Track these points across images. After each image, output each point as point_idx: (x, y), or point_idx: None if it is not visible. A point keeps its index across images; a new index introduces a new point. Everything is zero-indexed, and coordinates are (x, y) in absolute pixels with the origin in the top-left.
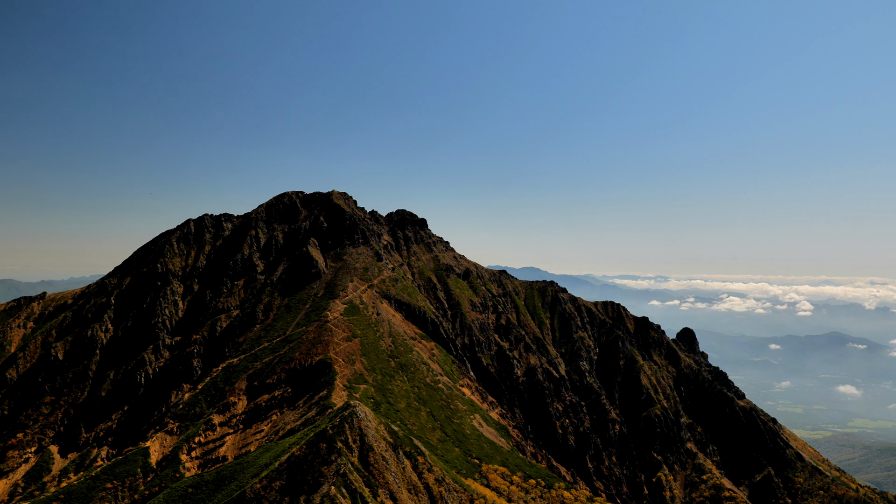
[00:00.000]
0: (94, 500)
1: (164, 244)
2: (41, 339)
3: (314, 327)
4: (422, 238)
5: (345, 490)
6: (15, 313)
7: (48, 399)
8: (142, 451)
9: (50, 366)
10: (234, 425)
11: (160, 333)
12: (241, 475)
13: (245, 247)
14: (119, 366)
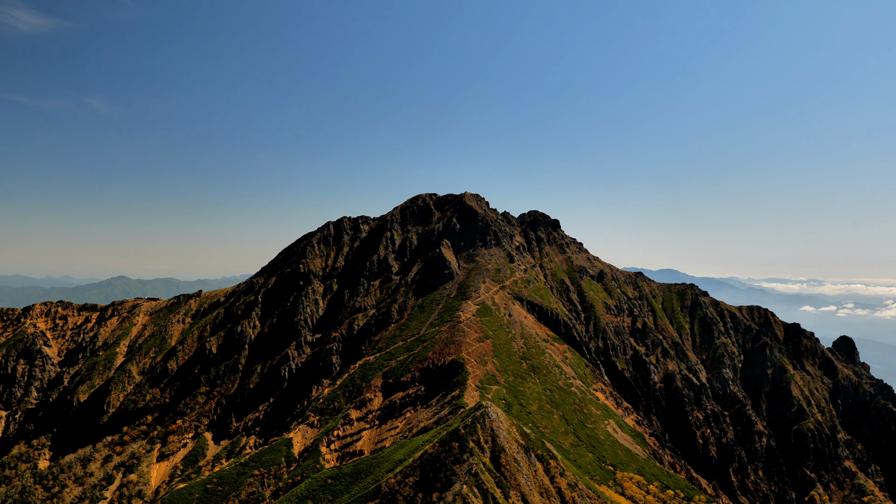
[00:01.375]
0: (243, 485)
1: (306, 246)
2: (197, 334)
3: (447, 327)
4: (554, 239)
5: (476, 490)
6: (175, 309)
7: (203, 389)
8: (285, 441)
9: (205, 359)
10: (370, 421)
11: (302, 331)
12: (376, 469)
13: (381, 248)
14: (265, 360)
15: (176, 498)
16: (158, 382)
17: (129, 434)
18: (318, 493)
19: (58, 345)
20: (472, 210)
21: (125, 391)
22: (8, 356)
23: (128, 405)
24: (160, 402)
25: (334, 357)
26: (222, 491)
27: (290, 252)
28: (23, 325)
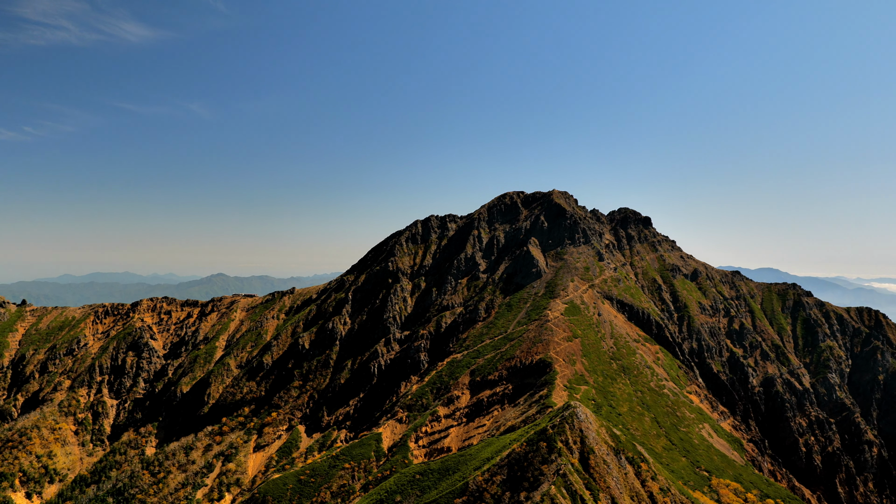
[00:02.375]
0: (335, 478)
1: (395, 244)
2: (291, 330)
3: (535, 326)
4: (645, 237)
5: (564, 490)
6: (270, 306)
7: (297, 384)
8: (375, 436)
9: (298, 354)
10: (457, 418)
11: (391, 328)
12: (464, 466)
13: (468, 246)
14: (355, 356)
15: (271, 488)
16: (255, 376)
17: (227, 425)
18: (406, 489)
19: (163, 338)
20: (560, 207)
21: (224, 383)
22: (118, 348)
23: (226, 397)
24: (256, 395)
25: (422, 354)
26: (315, 483)
27: (379, 250)
28: (131, 319)
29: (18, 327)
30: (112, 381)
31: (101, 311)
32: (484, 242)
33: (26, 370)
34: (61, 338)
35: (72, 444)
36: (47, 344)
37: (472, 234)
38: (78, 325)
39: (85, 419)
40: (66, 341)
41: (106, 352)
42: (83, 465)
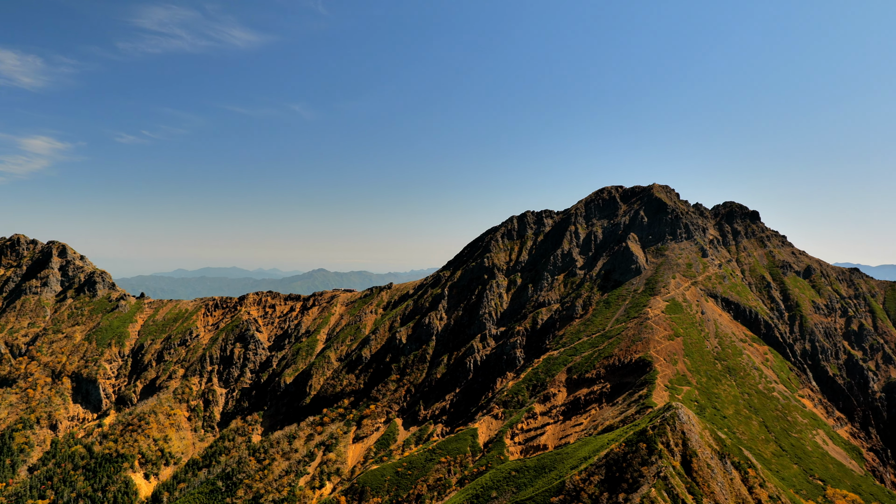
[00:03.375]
0: (431, 471)
1: (490, 240)
2: (388, 324)
3: (634, 324)
4: (753, 232)
5: (665, 494)
6: (368, 300)
7: (394, 377)
8: (471, 431)
9: (395, 348)
10: (553, 416)
11: (487, 324)
12: (560, 465)
13: (565, 242)
14: (451, 351)
15: (370, 478)
16: (354, 369)
17: (328, 416)
18: (502, 485)
19: (267, 331)
20: (660, 202)
21: (325, 376)
22: (227, 340)
23: (327, 389)
24: (355, 388)
25: (518, 350)
26: (411, 475)
27: (475, 246)
28: (239, 312)
29: (138, 318)
30: (221, 371)
31: (211, 304)
32: (581, 238)
33: (144, 359)
34: (175, 329)
35: (185, 430)
36: (163, 334)
37: (569, 230)
38: (190, 318)
39: (197, 406)
40: (180, 332)
41: (216, 343)
42: (195, 449)
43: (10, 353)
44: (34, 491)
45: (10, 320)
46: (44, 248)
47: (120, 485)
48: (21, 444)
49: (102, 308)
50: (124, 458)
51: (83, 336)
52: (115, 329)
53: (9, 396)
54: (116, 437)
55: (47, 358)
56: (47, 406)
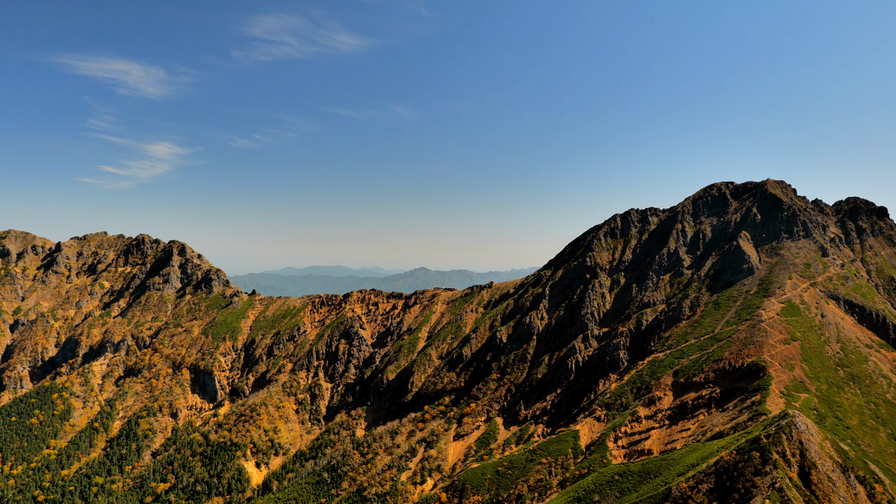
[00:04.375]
0: (531, 472)
1: (593, 239)
2: (489, 323)
3: (745, 326)
4: (880, 230)
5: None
6: (469, 299)
7: (494, 376)
8: (572, 433)
9: (496, 347)
10: (659, 420)
11: (589, 324)
12: (666, 471)
13: (671, 240)
14: (552, 351)
15: (470, 476)
16: (454, 367)
17: (429, 413)
18: (604, 489)
19: (371, 328)
20: (775, 198)
21: (426, 373)
22: (332, 336)
23: (428, 386)
24: (456, 386)
25: (621, 352)
26: (512, 475)
27: (577, 245)
28: (343, 309)
29: (249, 314)
30: (327, 366)
31: (317, 301)
32: (688, 237)
33: (255, 353)
34: (284, 325)
35: (293, 422)
36: (273, 330)
37: (676, 228)
38: (298, 314)
39: (304, 400)
40: (289, 328)
41: (322, 339)
42: (302, 441)
43: (136, 345)
44: (157, 475)
45: (136, 314)
46: (165, 248)
47: (234, 472)
48: (146, 430)
49: (217, 304)
50: (237, 446)
51: (200, 330)
52: (229, 324)
53: (135, 385)
54: (230, 426)
55: (168, 350)
56: (169, 395)
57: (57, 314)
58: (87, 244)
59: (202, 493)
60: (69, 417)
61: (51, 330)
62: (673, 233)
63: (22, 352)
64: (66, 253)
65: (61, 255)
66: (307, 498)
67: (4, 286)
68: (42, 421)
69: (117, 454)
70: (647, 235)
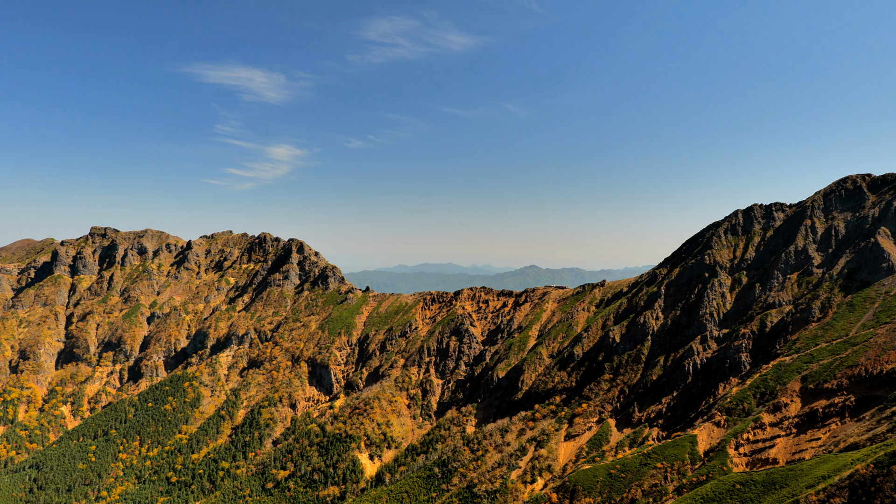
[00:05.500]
0: (646, 476)
1: (712, 236)
2: (601, 322)
3: (885, 330)
4: None
5: None
6: (580, 298)
7: (607, 377)
8: (689, 437)
9: (608, 347)
10: (785, 428)
11: (707, 325)
12: (793, 482)
13: (799, 238)
14: (668, 353)
15: (582, 477)
16: (565, 366)
17: (539, 412)
18: (724, 497)
19: (481, 325)
20: None
21: (536, 372)
22: (443, 333)
23: (538, 385)
24: (567, 385)
25: (743, 355)
26: (625, 478)
27: (694, 242)
28: (454, 307)
29: (363, 310)
30: (437, 363)
31: (428, 298)
32: (818, 233)
33: (369, 348)
34: (396, 321)
35: (405, 416)
36: (385, 326)
37: (804, 224)
38: (410, 311)
39: (415, 395)
40: (401, 324)
41: (433, 335)
42: (414, 435)
43: (258, 338)
44: (277, 462)
45: (258, 309)
46: (285, 245)
47: (348, 463)
48: (267, 419)
49: (333, 300)
50: (352, 438)
51: (317, 325)
52: (344, 319)
53: (257, 376)
54: (345, 418)
55: (288, 344)
56: (288, 387)
57: (188, 308)
58: (214, 242)
59: (319, 482)
60: (198, 405)
61: (182, 323)
62: (801, 229)
63: (157, 343)
64: (196, 251)
65: (192, 253)
66: (418, 491)
67: (142, 281)
68: (175, 407)
69: (241, 441)
70: (772, 232)
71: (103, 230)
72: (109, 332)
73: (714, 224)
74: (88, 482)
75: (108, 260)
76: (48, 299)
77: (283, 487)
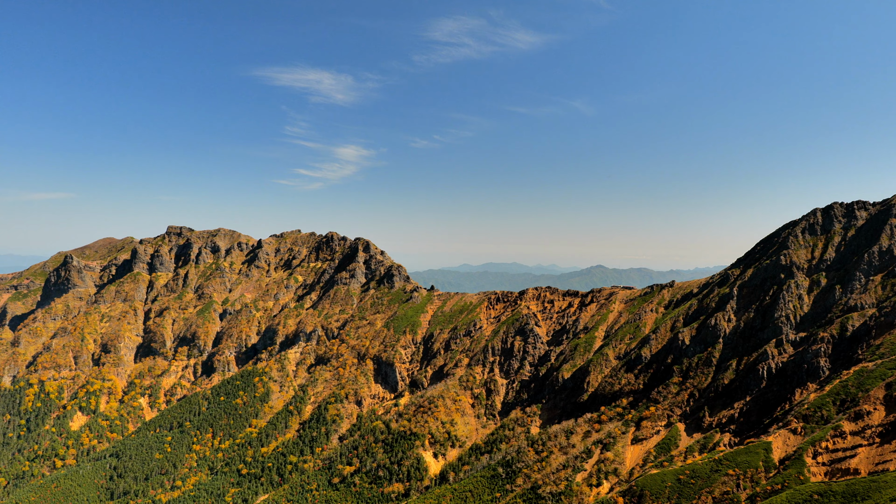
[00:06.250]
0: (717, 483)
1: (788, 235)
2: (670, 324)
3: None
4: None
5: None
6: (648, 298)
7: (676, 380)
8: (763, 444)
9: (677, 349)
10: (867, 437)
11: (782, 328)
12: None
13: (883, 237)
14: (740, 356)
15: (649, 482)
16: (632, 368)
17: (605, 414)
18: None
19: (545, 325)
20: None
21: (602, 373)
22: (507, 333)
23: (604, 387)
24: (634, 388)
25: (822, 359)
26: (694, 484)
27: (769, 242)
28: (518, 306)
29: (428, 309)
30: (502, 363)
31: (493, 297)
32: None
33: (433, 347)
34: (461, 320)
35: (469, 416)
36: (450, 325)
37: (890, 223)
38: (474, 310)
39: (479, 394)
40: (465, 323)
41: (497, 335)
42: (478, 435)
43: (325, 335)
44: (343, 458)
45: (325, 307)
46: (351, 244)
47: (413, 460)
48: (333, 415)
49: (398, 298)
50: (416, 436)
51: (383, 323)
52: (409, 318)
53: (324, 373)
54: (410, 416)
55: (354, 341)
56: (354, 384)
57: (258, 305)
58: (283, 241)
59: (384, 479)
60: (268, 400)
61: (253, 319)
62: (886, 228)
63: (229, 338)
64: (266, 249)
65: (262, 252)
66: (482, 491)
67: (215, 279)
68: (245, 402)
69: (309, 436)
70: (854, 232)
71: (179, 229)
72: (184, 327)
73: (791, 223)
74: (164, 471)
75: (184, 258)
76: (128, 295)
77: (349, 483)
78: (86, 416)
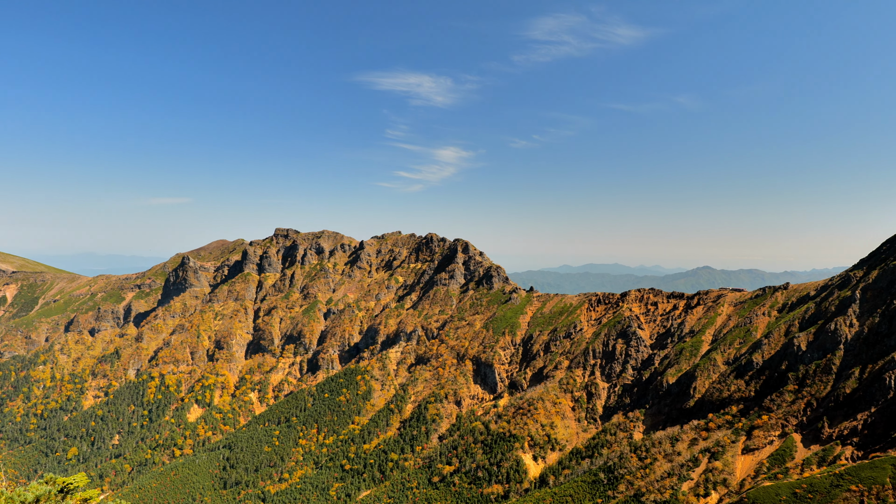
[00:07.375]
0: (837, 498)
1: None
2: (784, 328)
3: None
4: None
5: None
6: (760, 301)
7: (791, 388)
8: (891, 459)
9: (792, 355)
10: None
11: None
12: None
13: None
14: (864, 364)
15: (762, 495)
16: (743, 374)
17: (713, 421)
18: None
19: (649, 328)
20: None
21: (710, 379)
22: (609, 335)
23: (712, 393)
24: (744, 395)
25: None
26: (812, 499)
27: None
28: (620, 308)
29: (527, 310)
30: (603, 366)
31: (593, 299)
32: None
33: (533, 348)
34: (561, 322)
35: (569, 419)
36: (549, 326)
37: None
38: (574, 312)
39: (580, 398)
40: (565, 325)
41: (598, 337)
42: (578, 439)
43: (425, 335)
44: (443, 457)
45: (425, 307)
46: (450, 245)
47: (512, 462)
48: (433, 415)
49: (497, 299)
50: (515, 438)
51: (482, 324)
52: (508, 319)
53: (424, 373)
54: (509, 418)
55: (453, 342)
56: (453, 384)
57: (360, 305)
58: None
59: (483, 480)
60: (370, 398)
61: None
62: None
63: (333, 337)
64: (368, 251)
65: (364, 253)
66: (583, 496)
67: (320, 279)
68: (348, 399)
69: (409, 434)
70: None
71: (286, 231)
72: (291, 325)
73: None
74: (273, 464)
75: (290, 259)
76: (239, 294)
77: (449, 482)
78: (201, 408)
